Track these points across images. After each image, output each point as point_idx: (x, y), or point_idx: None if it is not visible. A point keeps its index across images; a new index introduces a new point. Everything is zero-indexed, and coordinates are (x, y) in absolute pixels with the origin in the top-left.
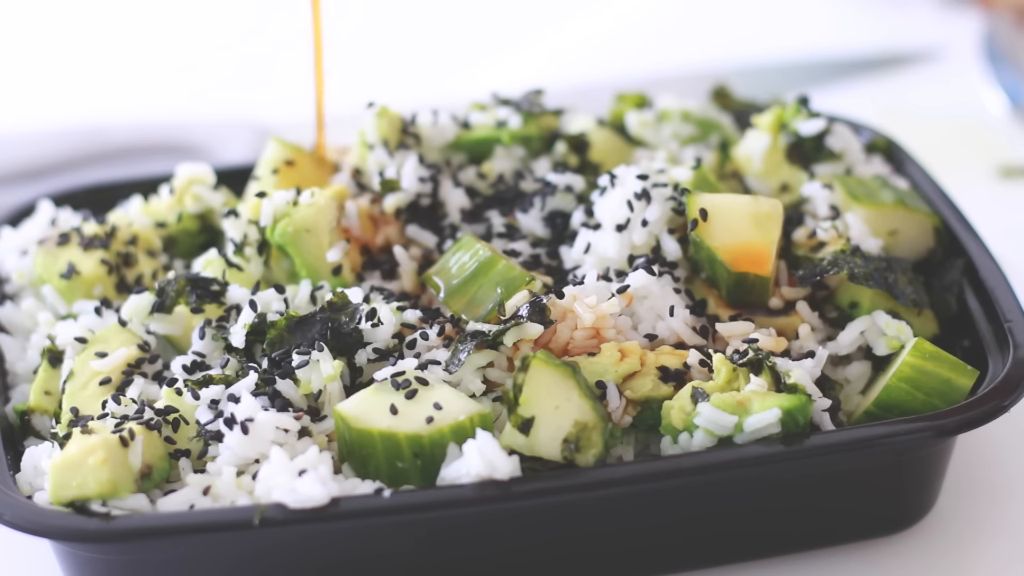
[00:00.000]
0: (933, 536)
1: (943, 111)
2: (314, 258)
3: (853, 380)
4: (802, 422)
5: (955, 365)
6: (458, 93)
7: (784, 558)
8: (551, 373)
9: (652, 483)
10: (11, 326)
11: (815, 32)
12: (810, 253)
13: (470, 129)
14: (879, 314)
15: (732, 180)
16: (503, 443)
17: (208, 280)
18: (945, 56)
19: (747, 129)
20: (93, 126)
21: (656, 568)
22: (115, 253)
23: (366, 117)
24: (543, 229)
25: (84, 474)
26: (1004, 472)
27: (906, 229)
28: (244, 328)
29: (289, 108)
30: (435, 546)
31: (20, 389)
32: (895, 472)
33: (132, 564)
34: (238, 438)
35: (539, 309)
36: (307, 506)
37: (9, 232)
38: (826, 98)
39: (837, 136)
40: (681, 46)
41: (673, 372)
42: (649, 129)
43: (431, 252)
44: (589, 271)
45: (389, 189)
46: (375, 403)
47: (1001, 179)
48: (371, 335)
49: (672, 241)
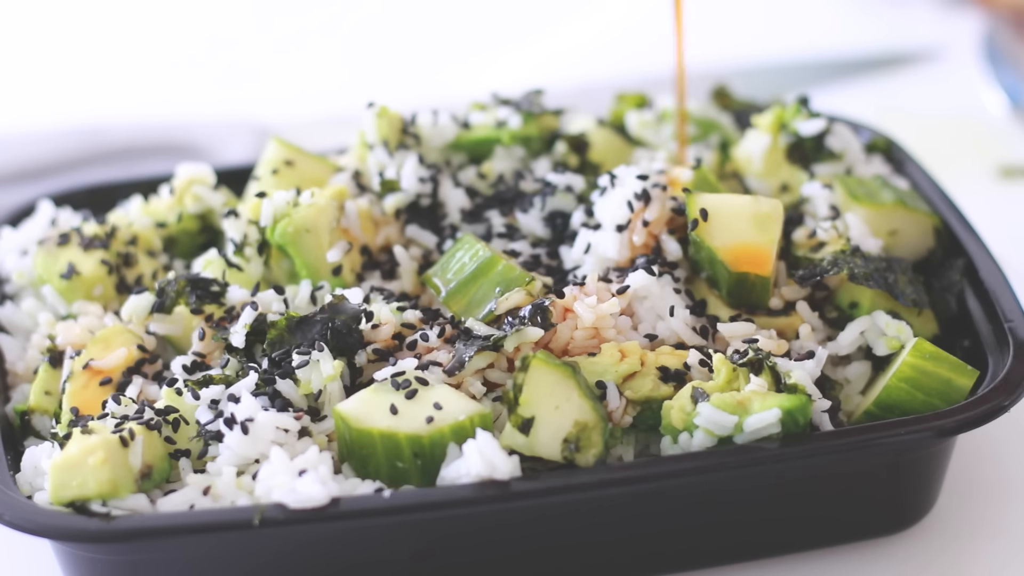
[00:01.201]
0: (933, 536)
1: (943, 111)
2: (314, 258)
3: (853, 380)
4: (802, 422)
5: (955, 365)
6: (458, 93)
7: (784, 558)
8: (551, 373)
9: (652, 483)
10: (11, 326)
11: (815, 32)
12: (810, 253)
13: (470, 129)
14: (879, 314)
15: (732, 180)
16: (503, 443)
17: (208, 281)
18: (945, 56)
19: (747, 129)
20: (93, 126)
21: (656, 568)
22: (115, 253)
23: (366, 117)
24: (543, 229)
25: (84, 474)
26: (1004, 472)
27: (906, 229)
28: (244, 328)
29: (289, 108)
30: (435, 546)
31: (20, 389)
32: (895, 472)
33: (132, 564)
34: (238, 438)
35: (542, 312)
36: (307, 506)
37: (9, 232)
38: (826, 98)
39: (837, 136)
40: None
41: (673, 372)
42: (649, 129)
43: (431, 252)
44: (590, 271)
45: (389, 189)
46: (375, 403)
47: (1001, 179)
48: (371, 335)
49: (672, 241)
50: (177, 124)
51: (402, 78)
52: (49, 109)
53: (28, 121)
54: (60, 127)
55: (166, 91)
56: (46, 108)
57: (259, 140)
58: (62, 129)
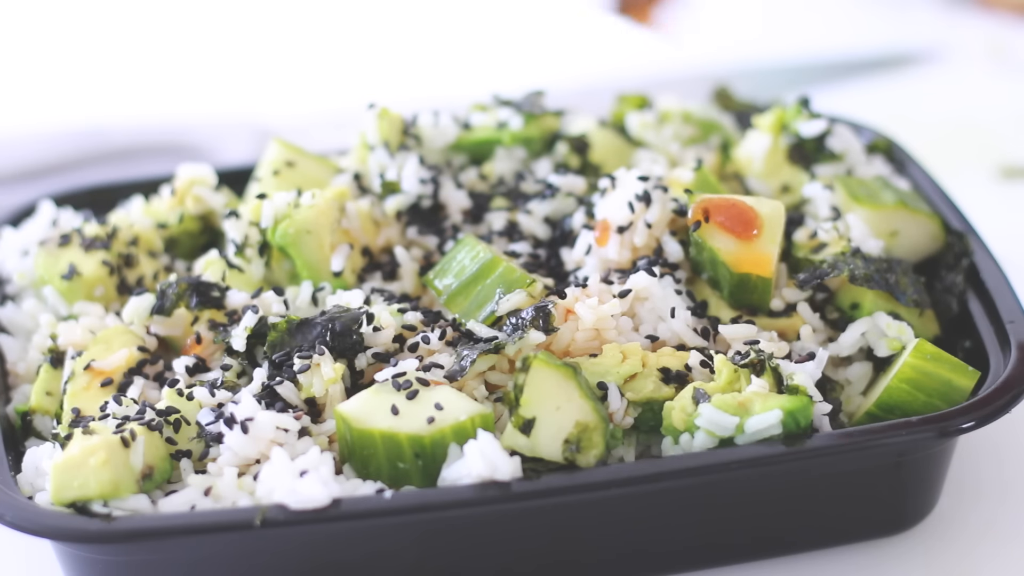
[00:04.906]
0: (934, 537)
1: (944, 111)
2: (315, 259)
3: (854, 381)
4: (803, 423)
5: (956, 366)
6: (459, 94)
7: (785, 559)
8: (552, 374)
9: (653, 484)
10: (12, 327)
11: (816, 32)
12: (811, 254)
13: (471, 130)
14: (880, 315)
15: (733, 181)
16: (504, 444)
17: (208, 285)
18: (946, 56)
19: (748, 130)
20: (94, 126)
21: (657, 568)
22: (116, 254)
23: (367, 118)
24: (544, 230)
25: (85, 475)
26: (1005, 473)
27: (907, 230)
28: (245, 331)
29: (290, 108)
30: (436, 547)
31: (21, 390)
32: (896, 473)
33: (133, 565)
34: (238, 438)
35: (544, 315)
36: (308, 507)
37: (10, 233)
38: (827, 99)
39: (838, 137)
40: (682, 47)
41: (675, 373)
42: (650, 130)
43: (432, 253)
44: (591, 273)
45: (390, 191)
46: (376, 404)
47: (1002, 179)
48: (372, 338)
49: (674, 242)
50: (178, 125)
51: (403, 78)
52: (50, 109)
53: (29, 121)
54: (61, 127)
55: (167, 91)
56: (47, 108)
57: (260, 140)
58: (63, 129)
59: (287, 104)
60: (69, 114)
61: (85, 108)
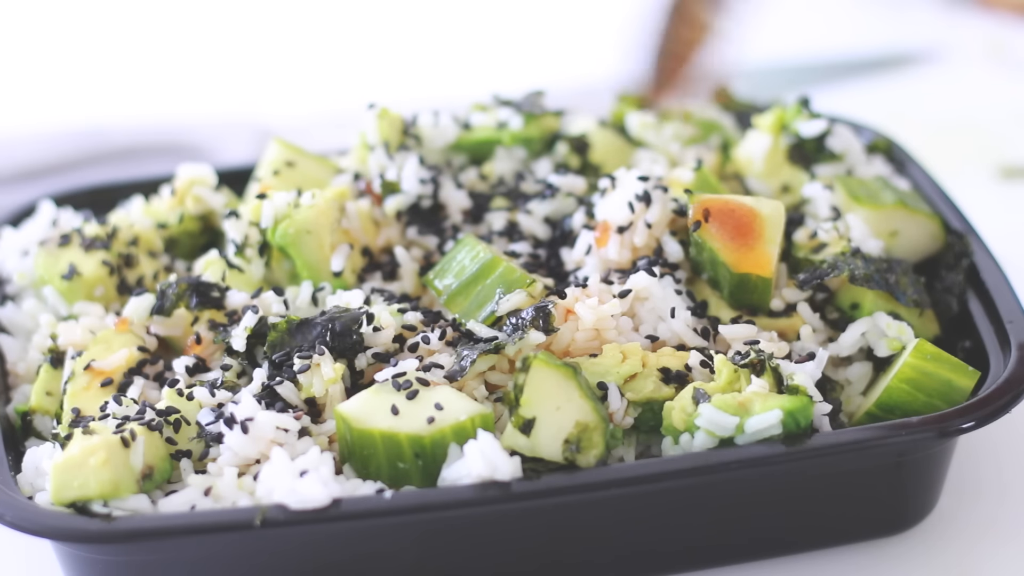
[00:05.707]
0: (934, 537)
1: (944, 111)
2: (315, 259)
3: (854, 381)
4: (803, 423)
5: (956, 366)
6: (459, 94)
7: (784, 559)
8: (552, 374)
9: (653, 484)
10: (12, 327)
11: (816, 32)
12: (811, 254)
13: (471, 130)
14: (880, 315)
15: (733, 181)
16: (504, 444)
17: (208, 286)
18: (946, 56)
19: (748, 130)
20: (94, 126)
21: (657, 569)
22: (116, 254)
23: (367, 118)
24: (544, 230)
25: (85, 475)
26: (1005, 473)
27: (907, 230)
28: (245, 331)
29: (289, 108)
30: (436, 547)
31: (21, 390)
32: (896, 473)
33: (133, 565)
34: (238, 438)
35: (544, 315)
36: (308, 507)
37: (10, 233)
38: (827, 99)
39: (838, 137)
40: None
41: (675, 373)
42: (650, 130)
43: (432, 253)
44: (592, 273)
45: (390, 191)
46: (376, 403)
47: (1002, 179)
48: (372, 339)
49: (674, 243)
50: (178, 125)
51: (403, 78)
52: (50, 109)
53: (29, 121)
54: (61, 127)
55: (167, 91)
56: (47, 108)
57: (260, 140)
58: (63, 129)
59: (287, 104)
60: (69, 114)
61: (85, 108)
